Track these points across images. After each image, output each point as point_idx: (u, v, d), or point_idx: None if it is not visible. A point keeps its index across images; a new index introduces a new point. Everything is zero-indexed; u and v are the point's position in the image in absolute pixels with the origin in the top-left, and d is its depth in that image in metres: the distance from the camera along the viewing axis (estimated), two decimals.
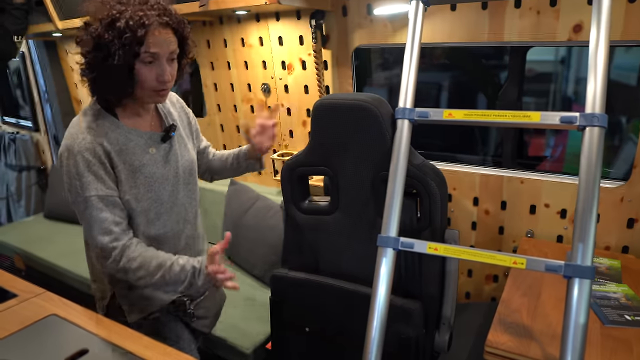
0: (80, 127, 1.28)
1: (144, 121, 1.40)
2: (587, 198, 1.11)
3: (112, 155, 1.29)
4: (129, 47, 1.18)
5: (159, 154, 1.38)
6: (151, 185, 1.35)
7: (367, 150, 1.42)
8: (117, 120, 1.32)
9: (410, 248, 1.27)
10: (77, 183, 1.25)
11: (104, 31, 1.18)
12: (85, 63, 1.24)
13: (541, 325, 1.34)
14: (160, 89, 1.30)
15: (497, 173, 1.99)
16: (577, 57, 3.34)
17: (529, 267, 1.15)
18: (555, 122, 1.19)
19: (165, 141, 1.41)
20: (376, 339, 1.26)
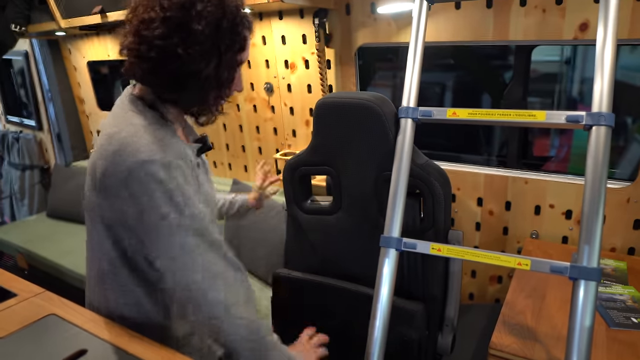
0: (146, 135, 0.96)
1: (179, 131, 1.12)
2: (594, 198, 1.09)
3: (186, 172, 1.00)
4: (235, 55, 1.00)
5: (203, 169, 1.15)
6: (209, 204, 1.11)
7: (370, 150, 1.40)
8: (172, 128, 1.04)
9: (413, 249, 1.25)
10: (180, 199, 0.95)
11: (212, 32, 0.94)
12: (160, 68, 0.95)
13: (546, 328, 1.32)
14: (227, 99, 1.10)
15: (502, 173, 1.97)
16: (581, 57, 3.32)
17: (533, 268, 1.13)
18: (561, 121, 1.18)
19: (200, 154, 1.15)
20: (378, 341, 1.24)
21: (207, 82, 0.98)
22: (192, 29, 0.93)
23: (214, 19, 0.94)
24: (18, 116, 4.35)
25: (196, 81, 0.97)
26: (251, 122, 2.68)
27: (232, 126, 2.79)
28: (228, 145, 2.86)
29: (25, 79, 3.98)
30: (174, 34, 0.93)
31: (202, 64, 0.95)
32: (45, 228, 3.34)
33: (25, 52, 3.80)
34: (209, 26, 0.94)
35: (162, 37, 0.93)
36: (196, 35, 0.93)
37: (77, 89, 3.80)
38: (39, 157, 4.14)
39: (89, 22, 2.56)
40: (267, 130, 2.63)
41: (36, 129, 4.08)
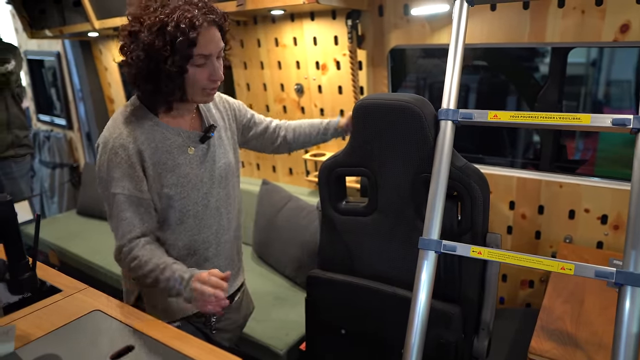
0: (118, 122, 1.28)
1: (184, 120, 1.37)
2: None
3: (144, 154, 1.27)
4: (182, 52, 1.17)
5: (196, 155, 1.36)
6: (184, 186, 1.33)
7: (408, 151, 1.40)
8: (156, 117, 1.31)
9: (453, 251, 1.25)
10: (106, 178, 1.26)
11: (154, 38, 1.16)
12: (133, 70, 1.21)
13: (586, 334, 1.31)
14: (211, 87, 1.29)
15: (535, 176, 1.95)
16: (608, 59, 3.27)
17: (577, 273, 1.12)
18: (607, 124, 1.16)
19: (204, 142, 1.38)
20: (416, 344, 1.24)
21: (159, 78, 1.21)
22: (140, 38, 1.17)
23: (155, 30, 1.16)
24: (49, 115, 4.45)
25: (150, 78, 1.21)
26: None
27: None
28: None
29: (57, 79, 4.07)
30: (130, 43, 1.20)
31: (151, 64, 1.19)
32: (76, 225, 3.41)
33: (57, 52, 3.89)
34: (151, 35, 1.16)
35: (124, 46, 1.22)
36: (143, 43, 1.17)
37: (107, 88, 3.87)
38: (69, 155, 4.22)
39: (122, 23, 2.60)
40: None
41: (66, 128, 4.17)
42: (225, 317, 1.52)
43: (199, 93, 1.28)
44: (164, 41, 1.16)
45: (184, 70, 1.21)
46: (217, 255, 1.45)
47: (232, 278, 1.51)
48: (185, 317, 1.41)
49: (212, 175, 1.40)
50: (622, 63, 2.99)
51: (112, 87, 3.80)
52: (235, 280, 1.55)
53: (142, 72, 1.20)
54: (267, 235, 2.40)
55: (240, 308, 1.61)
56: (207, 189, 1.39)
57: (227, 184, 1.45)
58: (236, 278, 1.56)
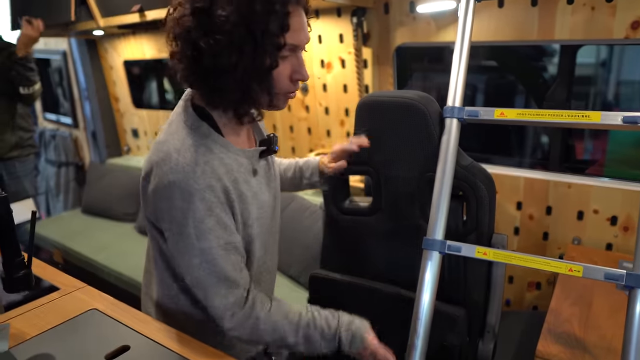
0: (188, 154, 0.93)
1: (243, 133, 1.07)
2: None
3: (230, 189, 0.97)
4: (273, 39, 0.88)
5: (261, 175, 1.08)
6: (261, 216, 1.07)
7: (413, 150, 1.38)
8: (223, 137, 0.99)
9: (458, 252, 1.22)
10: (193, 232, 0.94)
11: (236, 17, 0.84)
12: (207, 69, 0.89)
13: (595, 337, 1.28)
14: (292, 90, 0.99)
15: (543, 177, 1.92)
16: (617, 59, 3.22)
17: (586, 275, 1.08)
18: (617, 122, 1.13)
19: (263, 157, 1.09)
20: (419, 346, 1.21)
21: (245, 75, 0.89)
22: (216, 16, 0.85)
23: (243, 1, 0.84)
24: (55, 114, 4.46)
25: (232, 75, 0.89)
26: (285, 121, 2.68)
27: (265, 125, 2.79)
28: None
29: (63, 78, 4.08)
30: (200, 25, 0.87)
31: (234, 54, 0.87)
32: (80, 224, 3.41)
33: (64, 51, 3.90)
34: (237, 10, 0.85)
35: (189, 30, 0.87)
36: (221, 23, 0.85)
37: (112, 87, 3.87)
38: (74, 154, 4.23)
39: (127, 20, 2.60)
40: (301, 130, 2.62)
41: (72, 127, 4.17)
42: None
43: (280, 98, 0.99)
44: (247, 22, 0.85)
45: (274, 65, 0.90)
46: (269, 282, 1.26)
47: None
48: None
49: (275, 197, 1.15)
50: (633, 63, 2.95)
51: (117, 85, 3.80)
52: None
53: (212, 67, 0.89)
54: None
55: None
56: (273, 215, 1.14)
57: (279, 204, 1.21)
58: None
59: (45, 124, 4.57)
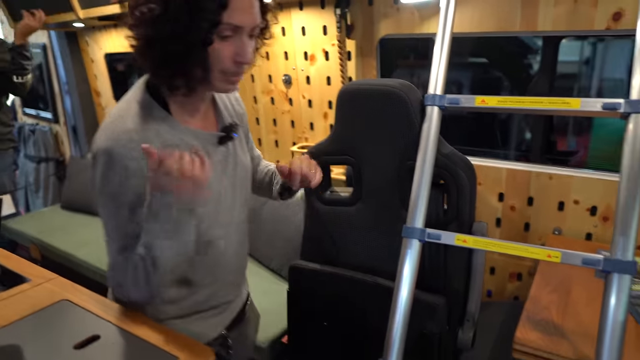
0: (125, 124, 0.97)
1: (198, 115, 1.09)
2: (630, 189, 1.05)
3: None
4: (209, 15, 0.88)
5: (216, 160, 1.09)
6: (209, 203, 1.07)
7: (394, 138, 1.37)
8: (170, 116, 1.02)
9: (437, 240, 1.21)
10: (110, 192, 0.97)
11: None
12: (141, 36, 0.92)
13: (573, 324, 1.28)
14: (234, 72, 0.97)
15: (525, 168, 1.92)
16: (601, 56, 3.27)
17: (564, 260, 1.09)
18: (597, 109, 1.13)
19: (223, 143, 1.11)
20: (398, 334, 1.21)
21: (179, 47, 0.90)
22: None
23: None
24: (35, 109, 4.37)
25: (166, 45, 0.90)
26: (268, 114, 2.66)
27: (248, 119, 2.77)
28: None
29: (43, 72, 4.00)
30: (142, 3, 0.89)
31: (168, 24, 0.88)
32: (60, 219, 3.35)
33: (44, 44, 3.82)
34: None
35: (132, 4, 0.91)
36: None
37: (93, 81, 3.81)
38: (55, 149, 4.15)
39: (108, 12, 2.56)
40: (284, 123, 2.60)
41: (52, 122, 4.10)
42: (240, 333, 1.32)
43: (219, 77, 0.97)
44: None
45: (208, 42, 0.91)
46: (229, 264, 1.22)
47: (239, 289, 1.31)
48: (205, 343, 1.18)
49: (234, 186, 1.16)
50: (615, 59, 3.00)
51: (99, 79, 3.74)
52: (243, 291, 1.35)
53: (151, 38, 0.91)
54: (253, 228, 2.36)
55: (251, 320, 1.40)
56: (229, 202, 1.15)
57: (246, 193, 1.22)
58: (243, 288, 1.35)
59: (25, 118, 4.48)
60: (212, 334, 1.20)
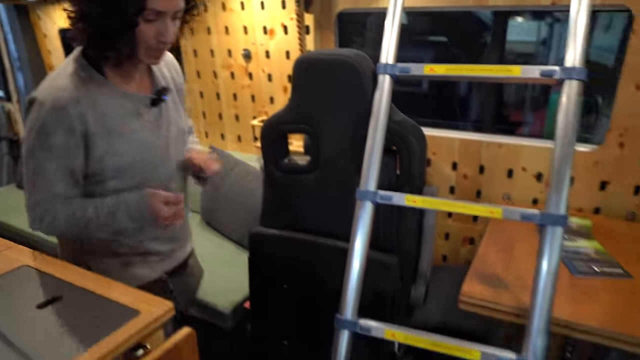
0: (59, 80, 1.12)
1: (134, 80, 1.25)
2: (563, 151, 1.13)
3: (90, 120, 1.13)
4: (135, 1, 1.04)
5: (148, 120, 1.25)
6: (139, 153, 1.22)
7: (348, 107, 1.42)
8: (105, 79, 1.18)
9: (389, 201, 1.27)
10: (36, 141, 1.12)
11: None
12: (77, 12, 1.08)
13: (514, 277, 1.38)
14: (157, 48, 1.16)
15: (477, 138, 2.01)
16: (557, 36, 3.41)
17: (505, 216, 1.17)
18: (536, 75, 1.21)
19: (156, 105, 1.27)
20: (353, 292, 1.27)
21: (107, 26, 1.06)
22: None
23: None
24: None
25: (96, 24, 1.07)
26: (228, 89, 2.66)
27: (208, 94, 2.77)
28: (205, 113, 2.84)
29: None
30: None
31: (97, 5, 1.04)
32: (15, 199, 3.27)
33: None
34: None
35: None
36: None
37: (47, 56, 3.69)
38: (8, 128, 4.02)
39: None
40: (244, 97, 2.62)
41: (4, 100, 3.95)
42: (179, 281, 1.47)
43: (144, 53, 1.15)
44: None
45: (134, 24, 1.07)
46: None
47: (184, 243, 1.48)
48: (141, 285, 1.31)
49: (167, 143, 1.30)
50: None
51: (53, 55, 3.63)
52: (186, 245, 1.50)
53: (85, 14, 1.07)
54: (215, 201, 2.38)
55: (193, 272, 1.57)
56: (161, 157, 1.29)
57: (179, 151, 1.37)
58: (187, 243, 1.51)
59: None
60: (152, 276, 1.36)
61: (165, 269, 1.40)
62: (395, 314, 1.44)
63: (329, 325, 1.27)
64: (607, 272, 1.40)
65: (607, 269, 1.41)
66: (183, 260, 1.48)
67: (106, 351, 0.83)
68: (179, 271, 1.46)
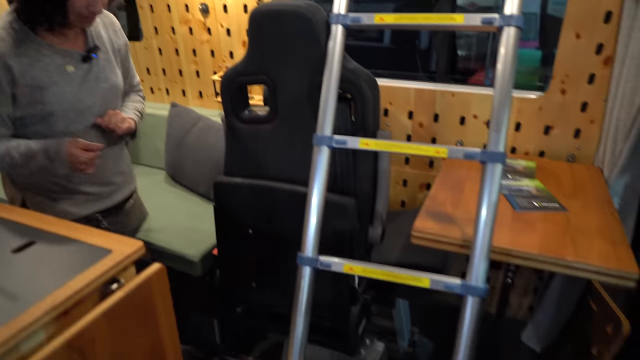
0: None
1: (67, 38, 1.39)
2: (502, 94, 1.22)
3: (14, 69, 1.28)
4: None
5: (76, 74, 1.40)
6: (61, 104, 1.37)
7: (304, 57, 1.46)
8: (32, 33, 1.31)
9: (344, 145, 1.35)
10: None
11: None
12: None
13: (462, 213, 1.49)
14: (86, 16, 1.31)
15: (431, 87, 2.09)
16: None
17: (450, 155, 1.26)
18: (477, 23, 1.28)
19: (86, 61, 1.42)
20: (313, 231, 1.35)
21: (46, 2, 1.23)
22: None
23: None
24: None
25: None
26: (187, 45, 2.65)
27: (167, 50, 2.75)
28: (165, 70, 2.82)
29: None
30: None
31: None
32: None
33: None
34: None
35: None
36: None
37: None
38: None
39: None
40: (204, 53, 2.61)
41: None
42: (116, 221, 1.66)
43: (75, 19, 1.32)
44: None
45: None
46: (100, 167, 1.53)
47: (120, 187, 1.68)
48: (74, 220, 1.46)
49: (93, 96, 1.45)
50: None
51: None
52: (124, 188, 1.70)
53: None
54: (179, 156, 2.41)
55: (131, 213, 1.76)
56: (86, 109, 1.44)
57: (110, 105, 1.53)
58: (125, 187, 1.70)
59: None
60: (83, 213, 1.55)
61: (97, 209, 1.59)
62: (355, 251, 1.54)
63: (292, 264, 1.36)
64: (545, 206, 1.53)
65: (545, 203, 1.54)
66: (118, 202, 1.68)
67: (83, 284, 0.90)
68: (114, 212, 1.66)
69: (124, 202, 1.72)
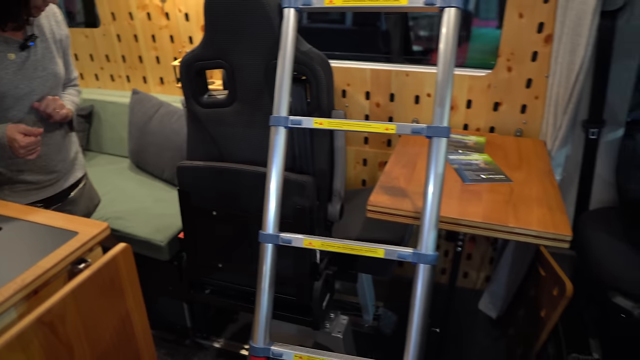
0: None
1: (7, 27, 1.43)
2: (444, 71, 1.29)
3: None
4: None
5: (14, 61, 1.45)
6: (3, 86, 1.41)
7: (258, 41, 1.51)
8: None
9: (299, 124, 1.41)
10: None
11: None
12: None
13: (414, 187, 1.58)
14: (42, 6, 1.41)
15: (386, 67, 2.17)
16: None
17: (398, 131, 1.33)
18: (420, 4, 1.35)
19: (24, 49, 1.47)
20: (273, 209, 1.41)
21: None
22: None
23: None
24: None
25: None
26: (146, 31, 2.64)
27: (126, 37, 2.73)
28: (124, 57, 2.81)
29: None
30: None
31: None
32: None
33: None
34: None
35: None
36: None
37: None
38: None
39: None
40: (163, 38, 2.61)
41: None
42: (63, 210, 1.69)
43: (27, 11, 1.40)
44: None
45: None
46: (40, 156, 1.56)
47: (64, 175, 1.71)
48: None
49: (31, 83, 1.50)
50: None
51: None
52: (68, 177, 1.73)
53: None
54: (141, 143, 2.43)
55: (79, 201, 1.79)
56: (24, 95, 1.48)
57: (45, 90, 1.56)
58: (70, 175, 1.74)
59: None
60: (23, 202, 1.52)
61: (39, 198, 1.62)
62: (315, 228, 1.61)
63: (256, 243, 1.42)
64: (491, 178, 1.63)
65: (492, 175, 1.64)
66: (62, 190, 1.71)
67: (51, 264, 0.94)
68: (58, 200, 1.70)
69: (69, 191, 1.75)
